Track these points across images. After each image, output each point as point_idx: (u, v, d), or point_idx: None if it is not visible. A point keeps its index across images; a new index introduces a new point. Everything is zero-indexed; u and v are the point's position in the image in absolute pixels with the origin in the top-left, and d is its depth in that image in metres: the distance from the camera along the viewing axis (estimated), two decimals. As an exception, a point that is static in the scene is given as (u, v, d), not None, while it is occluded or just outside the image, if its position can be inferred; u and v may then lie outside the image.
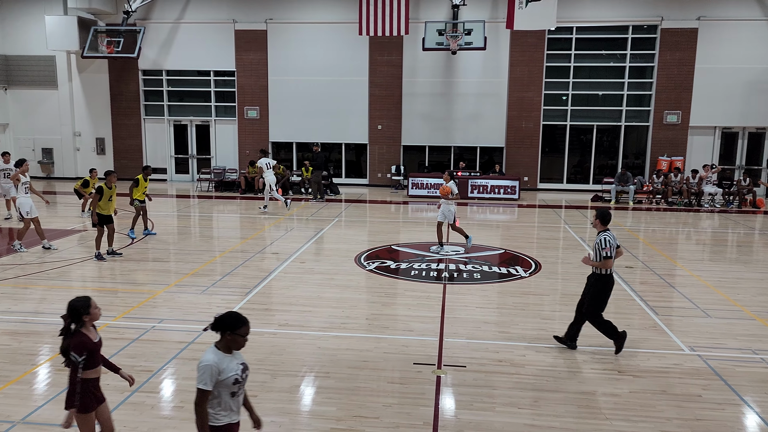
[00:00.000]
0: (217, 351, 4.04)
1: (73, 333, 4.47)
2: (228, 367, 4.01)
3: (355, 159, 24.34)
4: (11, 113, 24.82)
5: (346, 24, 22.37)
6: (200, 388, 3.92)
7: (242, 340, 4.11)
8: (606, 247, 7.18)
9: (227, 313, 4.18)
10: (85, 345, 4.44)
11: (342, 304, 9.30)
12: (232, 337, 4.09)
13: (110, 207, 11.77)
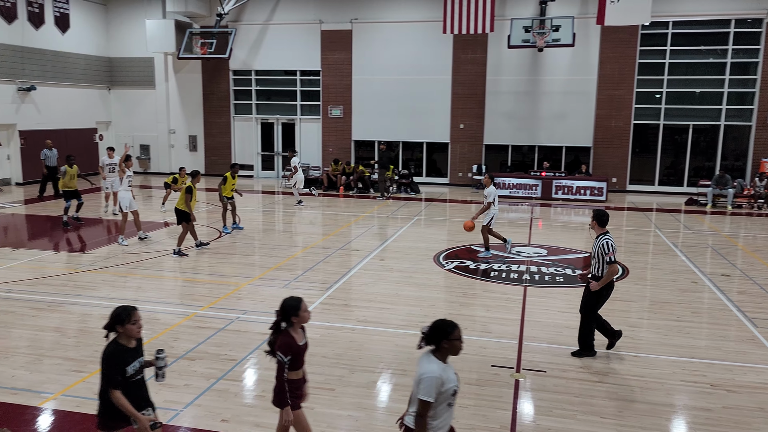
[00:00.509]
0: (438, 361, 3.85)
1: (282, 332, 4.46)
2: (449, 378, 3.82)
3: (436, 158, 24.24)
4: (114, 111, 26.46)
5: (431, 23, 22.32)
6: (425, 400, 3.73)
7: (459, 344, 3.89)
8: (610, 251, 6.86)
9: (437, 322, 3.99)
10: (290, 347, 4.41)
11: (420, 302, 9.29)
12: (450, 344, 3.86)
13: (193, 204, 12.19)
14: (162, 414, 5.74)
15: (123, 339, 4.21)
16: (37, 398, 6.09)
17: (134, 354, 4.24)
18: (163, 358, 4.41)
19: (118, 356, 4.14)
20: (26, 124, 21.87)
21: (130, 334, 4.20)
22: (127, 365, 4.15)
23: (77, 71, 24.29)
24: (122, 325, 4.16)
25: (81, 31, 24.39)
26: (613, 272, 6.89)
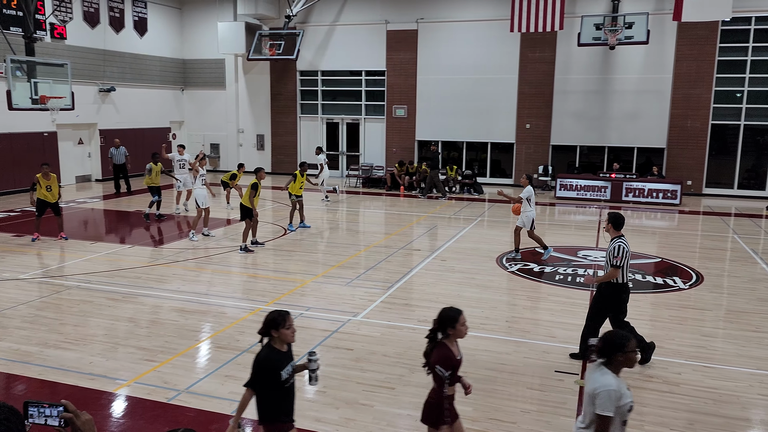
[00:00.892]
0: (613, 374, 3.67)
1: (438, 343, 4.31)
2: (625, 392, 3.62)
3: (501, 158, 23.91)
4: (186, 111, 27.45)
5: (498, 21, 22.03)
6: (605, 415, 3.55)
7: (635, 356, 3.74)
8: (618, 255, 6.64)
9: (609, 335, 3.82)
10: (450, 360, 4.27)
11: (482, 304, 9.19)
12: (625, 357, 3.68)
13: (256, 202, 12.45)
14: (226, 405, 5.92)
15: (276, 343, 4.17)
16: (112, 384, 6.39)
17: (287, 358, 4.20)
18: (316, 360, 4.34)
19: (272, 360, 4.11)
20: (106, 124, 22.98)
21: (285, 339, 4.17)
22: (281, 369, 4.11)
23: (153, 73, 25.34)
24: (277, 330, 4.13)
25: (157, 35, 25.42)
26: (612, 275, 6.73)
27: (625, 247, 6.71)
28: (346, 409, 5.91)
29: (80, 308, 8.77)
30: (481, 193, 21.38)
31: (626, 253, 6.69)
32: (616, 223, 6.92)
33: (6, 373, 6.66)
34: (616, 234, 6.89)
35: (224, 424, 5.60)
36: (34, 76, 16.19)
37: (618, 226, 6.92)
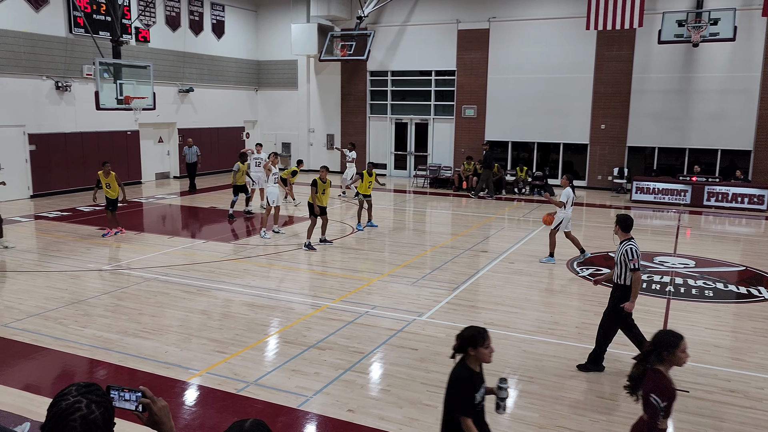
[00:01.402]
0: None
1: (653, 370, 3.80)
2: None
3: (573, 160, 23.28)
4: (260, 111, 28.20)
5: (573, 19, 21.47)
6: None
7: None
8: (634, 258, 6.50)
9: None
10: (667, 390, 3.74)
11: (551, 308, 8.98)
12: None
13: (324, 199, 12.61)
14: (293, 399, 6.04)
15: (472, 362, 3.91)
16: (185, 373, 6.64)
17: (480, 379, 3.93)
18: (506, 388, 3.99)
19: (468, 381, 3.85)
20: (184, 123, 23.91)
21: (481, 358, 3.91)
22: (476, 391, 3.85)
23: (229, 74, 26.16)
24: (475, 348, 3.87)
25: (234, 37, 26.24)
26: (638, 279, 6.54)
27: (636, 249, 6.58)
28: (410, 408, 5.91)
29: (157, 299, 9.16)
30: (552, 195, 20.86)
31: (639, 255, 6.58)
32: (624, 225, 6.79)
33: (90, 359, 7.04)
34: (625, 236, 6.75)
35: (290, 418, 5.72)
36: (120, 77, 17.05)
37: (626, 228, 6.80)
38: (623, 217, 6.84)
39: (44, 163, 18.64)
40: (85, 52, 19.30)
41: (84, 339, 7.58)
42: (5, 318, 8.28)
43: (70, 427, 2.00)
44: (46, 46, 18.49)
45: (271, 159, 14.09)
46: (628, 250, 6.56)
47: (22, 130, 18.13)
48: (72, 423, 2.00)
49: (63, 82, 18.95)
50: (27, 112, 18.20)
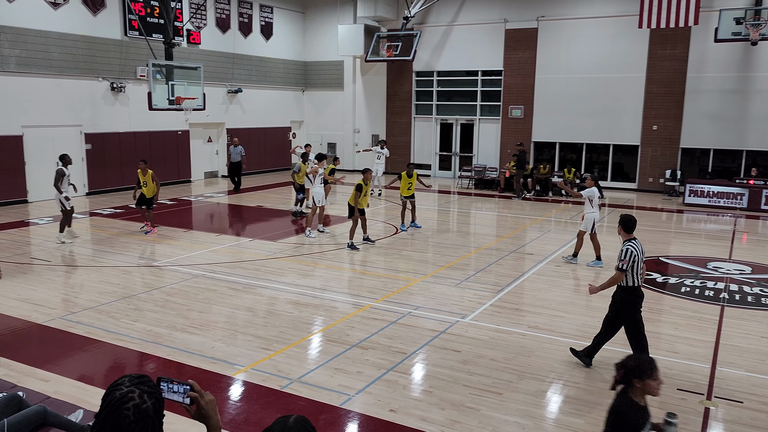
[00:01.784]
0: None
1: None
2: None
3: (623, 161, 22.73)
4: (306, 111, 28.52)
5: (625, 17, 20.97)
6: None
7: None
8: (624, 258, 6.44)
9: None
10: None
11: (598, 313, 8.77)
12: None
13: (365, 201, 12.63)
14: (335, 397, 6.08)
15: (636, 395, 3.52)
16: (231, 369, 6.76)
17: (645, 415, 3.52)
18: (675, 424, 3.49)
19: (630, 416, 3.45)
20: (232, 123, 24.38)
21: (648, 391, 3.52)
22: (639, 428, 3.44)
23: (276, 74, 26.54)
24: (641, 380, 3.49)
25: (281, 38, 26.61)
26: (615, 279, 6.53)
27: (633, 250, 6.49)
28: (452, 410, 5.87)
29: (205, 296, 9.36)
30: (601, 198, 20.41)
31: (635, 257, 6.47)
32: (627, 226, 6.76)
33: (140, 352, 7.25)
34: (627, 237, 6.73)
35: (332, 416, 5.76)
36: (172, 78, 17.52)
37: (628, 228, 6.76)
38: (626, 217, 6.81)
39: (99, 161, 19.30)
40: (139, 54, 19.89)
41: (135, 333, 7.81)
42: (62, 311, 8.60)
43: (123, 415, 2.09)
44: (103, 49, 19.14)
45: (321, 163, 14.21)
46: (624, 250, 6.53)
47: (79, 130, 18.83)
48: (125, 412, 2.09)
49: (118, 83, 19.58)
50: (84, 113, 18.88)
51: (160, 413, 2.19)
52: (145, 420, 2.12)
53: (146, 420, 2.12)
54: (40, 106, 17.60)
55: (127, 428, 2.10)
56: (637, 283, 6.57)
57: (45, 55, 17.55)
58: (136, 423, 2.10)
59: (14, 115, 16.96)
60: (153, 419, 2.15)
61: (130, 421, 2.09)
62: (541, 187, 21.22)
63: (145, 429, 2.13)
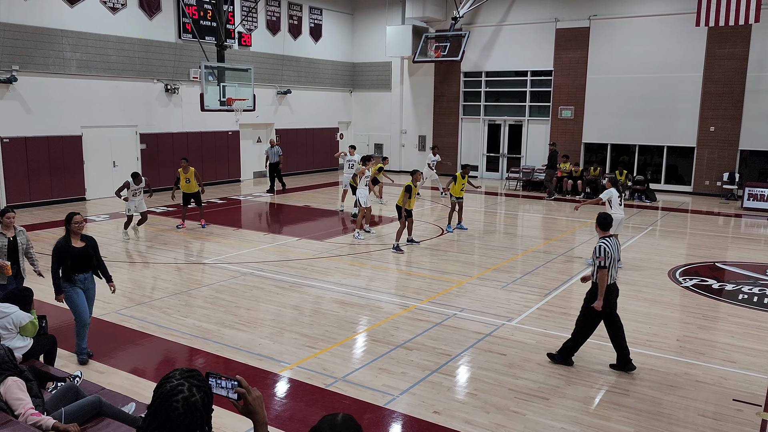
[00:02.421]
0: None
1: None
2: None
3: (678, 163, 22.04)
4: (354, 112, 28.70)
5: (681, 15, 20.34)
6: None
7: None
8: (600, 255, 6.58)
9: None
10: None
11: (649, 319, 8.55)
12: None
13: (413, 203, 12.60)
14: (379, 397, 6.09)
15: None
16: (277, 366, 6.86)
17: None
18: None
19: None
20: (281, 123, 24.74)
21: None
22: None
23: (325, 76, 26.80)
24: None
25: (330, 40, 26.85)
26: (603, 277, 6.58)
27: (606, 247, 6.62)
28: (497, 414, 5.80)
29: (252, 293, 9.53)
30: (653, 201, 19.90)
31: (608, 253, 6.59)
32: (602, 224, 6.95)
33: (190, 347, 7.43)
34: (602, 234, 6.89)
35: (376, 416, 5.77)
36: (223, 80, 17.90)
37: (603, 226, 6.95)
38: (601, 215, 7.04)
39: (153, 161, 19.87)
40: (192, 57, 20.40)
41: (185, 328, 8.01)
42: (117, 305, 8.90)
43: (173, 407, 2.17)
44: (158, 52, 19.71)
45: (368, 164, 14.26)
46: (597, 247, 6.66)
47: (134, 130, 19.44)
48: (175, 404, 2.17)
49: (171, 84, 20.13)
50: (139, 113, 19.48)
51: (209, 407, 2.25)
52: (194, 413, 2.19)
53: (194, 413, 2.19)
54: (98, 107, 18.25)
55: (176, 420, 2.17)
56: (610, 280, 6.70)
57: (103, 58, 18.20)
58: (185, 415, 2.17)
59: (74, 116, 17.64)
60: (201, 412, 2.21)
61: (179, 413, 2.16)
62: (591, 189, 20.78)
63: (193, 421, 2.19)
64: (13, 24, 15.97)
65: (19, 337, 5.77)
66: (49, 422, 4.27)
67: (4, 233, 7.39)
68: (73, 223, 6.81)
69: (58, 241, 6.85)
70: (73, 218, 6.83)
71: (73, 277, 6.80)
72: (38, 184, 17.04)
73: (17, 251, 7.47)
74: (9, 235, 7.41)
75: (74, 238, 6.87)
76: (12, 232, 7.47)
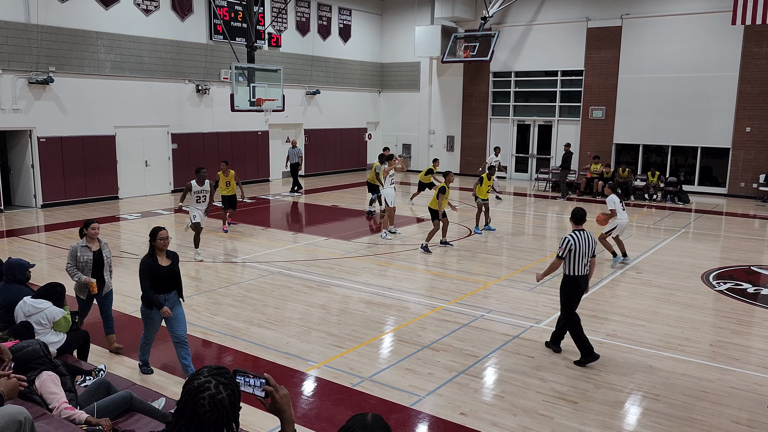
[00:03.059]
0: None
1: None
2: None
3: (712, 165, 21.57)
4: (382, 113, 28.74)
5: (716, 14, 19.91)
6: None
7: None
8: (561, 246, 6.89)
9: None
10: None
11: (682, 323, 8.38)
12: None
13: (444, 204, 12.53)
14: (406, 397, 6.08)
15: None
16: (304, 365, 6.90)
17: None
18: None
19: None
20: (310, 124, 24.90)
21: None
22: None
23: (354, 76, 26.89)
24: None
25: (359, 40, 26.93)
26: (554, 266, 7.02)
27: (571, 240, 6.85)
28: (524, 417, 5.75)
29: (280, 292, 9.60)
30: (686, 203, 19.51)
31: (571, 246, 6.83)
32: (574, 217, 7.19)
33: (219, 344, 7.52)
34: (575, 228, 7.09)
35: (403, 416, 5.76)
36: (253, 80, 18.08)
37: (575, 220, 7.17)
38: (574, 210, 7.25)
39: (184, 160, 20.17)
40: (223, 58, 20.66)
41: (214, 326, 8.11)
42: (147, 302, 9.04)
43: (199, 404, 2.20)
44: (189, 53, 20.00)
45: (392, 163, 14.25)
46: (563, 239, 6.94)
47: (166, 130, 19.76)
48: (201, 401, 2.20)
49: (203, 85, 20.41)
50: (171, 114, 19.80)
51: (235, 405, 2.27)
52: (220, 410, 2.21)
53: (220, 410, 2.21)
54: (131, 108, 18.60)
55: (202, 416, 2.19)
56: (574, 273, 6.94)
57: (137, 59, 18.53)
58: (211, 412, 2.19)
59: (108, 116, 18.00)
60: (227, 410, 2.23)
61: (205, 410, 2.19)
62: (622, 191, 20.44)
63: (219, 419, 2.21)
64: (50, 26, 16.37)
65: (52, 333, 5.89)
66: (82, 416, 4.36)
67: (89, 246, 6.95)
68: (159, 239, 6.14)
69: (144, 259, 6.17)
70: (159, 233, 6.16)
71: None
72: (73, 183, 17.44)
73: (102, 265, 6.99)
74: (94, 248, 6.98)
75: (160, 255, 6.20)
76: (97, 245, 7.03)
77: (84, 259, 6.87)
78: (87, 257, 6.87)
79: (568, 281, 7.03)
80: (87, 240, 6.96)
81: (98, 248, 7.03)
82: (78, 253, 6.88)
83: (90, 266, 6.88)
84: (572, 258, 6.91)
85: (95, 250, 6.98)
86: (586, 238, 6.96)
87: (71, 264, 6.89)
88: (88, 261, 6.87)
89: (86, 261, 6.86)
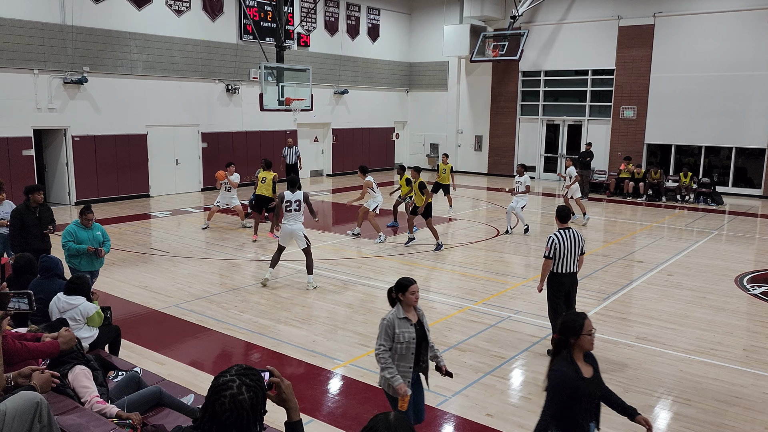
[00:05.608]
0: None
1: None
2: None
3: (747, 166, 21.07)
4: (410, 112, 28.71)
5: (752, 11, 19.45)
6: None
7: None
8: (546, 246, 6.90)
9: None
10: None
11: (714, 327, 8.21)
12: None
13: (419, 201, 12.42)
14: (431, 398, 6.07)
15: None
16: (330, 363, 6.93)
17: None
18: None
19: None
20: (338, 123, 25.00)
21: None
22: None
23: (381, 76, 26.91)
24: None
25: (387, 40, 26.94)
26: (545, 267, 6.93)
27: (555, 239, 6.83)
28: (551, 420, 5.69)
29: (307, 291, 9.66)
30: (720, 204, 19.09)
31: (555, 244, 6.81)
32: (559, 216, 7.13)
33: (246, 342, 7.60)
34: (560, 226, 7.06)
35: (428, 416, 5.75)
36: (282, 80, 18.21)
37: (560, 218, 7.11)
38: (559, 208, 7.20)
39: (213, 159, 20.40)
40: (252, 57, 20.85)
41: (242, 323, 8.20)
42: (177, 299, 9.19)
43: (219, 402, 2.18)
44: (219, 53, 20.24)
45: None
46: (548, 239, 6.90)
47: (196, 129, 20.03)
48: (222, 399, 2.18)
49: (232, 85, 20.64)
50: (201, 113, 20.06)
51: (258, 408, 2.23)
52: (239, 411, 2.17)
53: (240, 411, 2.17)
54: (163, 107, 18.90)
55: (221, 415, 2.16)
56: (558, 270, 6.89)
57: (168, 59, 18.82)
58: (230, 412, 2.16)
59: (140, 115, 18.32)
60: (248, 412, 2.19)
61: (225, 409, 2.16)
62: (653, 191, 20.12)
63: (239, 420, 2.17)
64: (84, 27, 16.71)
65: (86, 328, 6.02)
66: (113, 410, 4.45)
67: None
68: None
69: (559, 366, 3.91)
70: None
71: None
72: (105, 181, 17.79)
73: None
74: None
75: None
76: None
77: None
78: None
79: (551, 277, 7.00)
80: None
81: None
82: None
83: None
84: (558, 256, 6.88)
85: None
86: (571, 236, 6.90)
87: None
88: None
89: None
